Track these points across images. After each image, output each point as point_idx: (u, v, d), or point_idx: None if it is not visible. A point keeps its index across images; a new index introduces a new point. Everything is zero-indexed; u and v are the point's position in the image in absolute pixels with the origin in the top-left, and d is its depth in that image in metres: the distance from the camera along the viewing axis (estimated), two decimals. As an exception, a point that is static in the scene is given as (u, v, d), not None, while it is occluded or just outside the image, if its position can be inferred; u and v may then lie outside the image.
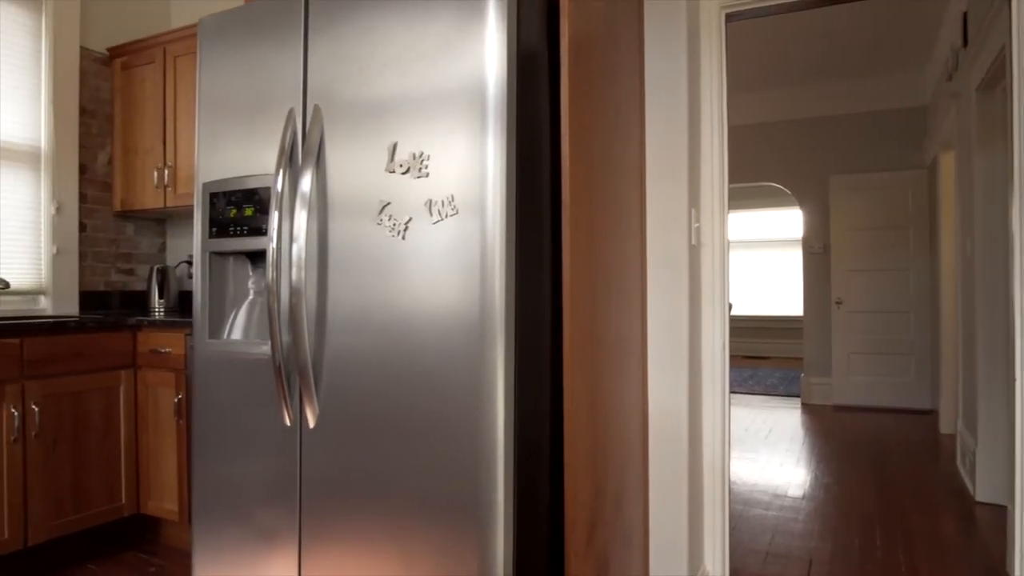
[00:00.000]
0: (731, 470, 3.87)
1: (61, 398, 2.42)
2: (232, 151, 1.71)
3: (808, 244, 6.10)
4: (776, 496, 3.39)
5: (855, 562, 2.55)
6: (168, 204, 3.05)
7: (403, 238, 1.44)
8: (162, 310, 3.19)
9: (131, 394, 2.65)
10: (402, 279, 1.43)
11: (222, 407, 1.70)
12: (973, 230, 3.35)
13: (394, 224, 1.45)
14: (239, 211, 1.68)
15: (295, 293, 1.49)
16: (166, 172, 3.04)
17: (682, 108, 2.04)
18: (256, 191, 1.66)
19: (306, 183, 1.50)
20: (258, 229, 1.66)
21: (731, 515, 3.10)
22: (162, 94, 3.06)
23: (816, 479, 3.68)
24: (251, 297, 1.81)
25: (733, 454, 4.25)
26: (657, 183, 2.08)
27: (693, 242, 2.10)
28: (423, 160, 1.42)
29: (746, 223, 10.28)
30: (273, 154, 1.64)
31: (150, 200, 3.12)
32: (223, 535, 1.69)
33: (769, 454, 4.24)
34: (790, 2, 2.18)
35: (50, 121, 2.99)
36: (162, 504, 2.61)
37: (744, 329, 10.01)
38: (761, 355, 9.89)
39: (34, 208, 2.96)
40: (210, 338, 1.75)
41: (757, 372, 8.22)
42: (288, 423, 1.58)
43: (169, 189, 3.04)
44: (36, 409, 2.33)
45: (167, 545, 2.71)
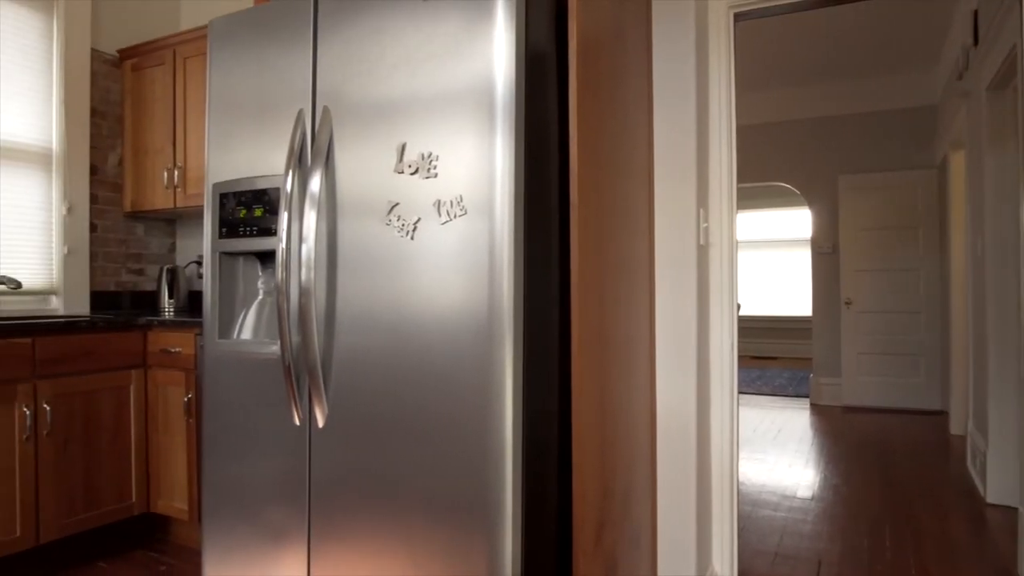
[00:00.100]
0: (739, 471, 3.86)
1: (72, 397, 2.44)
2: (242, 152, 1.72)
3: (817, 244, 6.07)
4: (785, 497, 3.37)
5: (864, 563, 2.54)
6: (178, 205, 3.07)
7: (412, 238, 1.44)
8: (172, 310, 3.21)
9: (141, 393, 2.67)
10: (411, 279, 1.44)
11: (232, 407, 1.71)
12: (983, 230, 3.33)
13: (403, 224, 1.45)
14: (249, 211, 1.69)
15: (305, 293, 1.50)
16: (176, 173, 3.06)
17: (690, 108, 2.04)
18: (266, 191, 1.67)
19: (315, 184, 1.51)
20: (267, 229, 1.67)
21: (739, 516, 3.09)
22: (172, 95, 3.08)
23: (825, 480, 3.66)
24: (260, 297, 1.82)
25: (741, 455, 4.24)
26: (665, 183, 2.07)
27: (701, 242, 2.09)
28: (432, 160, 1.42)
29: (754, 223, 10.24)
30: (282, 155, 1.65)
31: (160, 200, 3.14)
32: (233, 534, 1.70)
33: (778, 455, 4.22)
34: (799, 1, 2.17)
35: (61, 122, 3.02)
36: (172, 503, 2.63)
37: (753, 329, 9.97)
38: (770, 355, 9.85)
39: (45, 209, 2.99)
40: (220, 338, 1.76)
41: (766, 372, 8.19)
42: (297, 423, 1.59)
43: (179, 190, 3.06)
44: (48, 408, 2.35)
45: (177, 544, 2.72)
